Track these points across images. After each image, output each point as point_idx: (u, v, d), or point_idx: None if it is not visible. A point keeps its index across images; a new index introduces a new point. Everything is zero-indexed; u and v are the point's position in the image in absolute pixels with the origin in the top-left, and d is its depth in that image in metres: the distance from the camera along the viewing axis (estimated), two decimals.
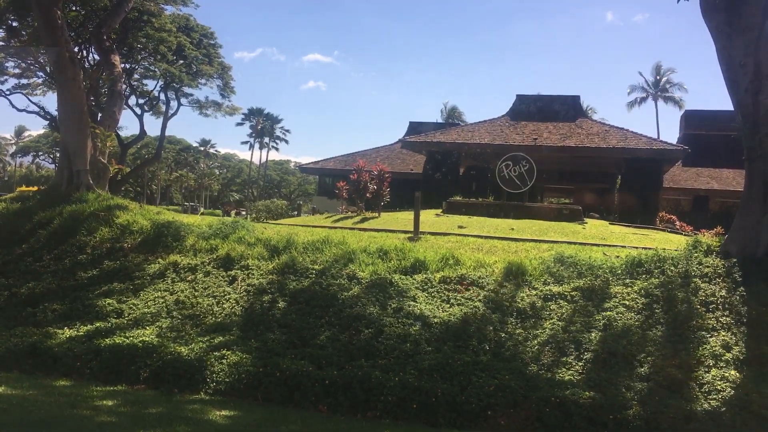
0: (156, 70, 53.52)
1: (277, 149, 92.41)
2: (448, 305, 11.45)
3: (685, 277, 11.46)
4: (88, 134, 16.83)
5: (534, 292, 11.72)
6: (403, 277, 12.34)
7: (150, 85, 66.16)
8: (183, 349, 9.61)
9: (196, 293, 12.09)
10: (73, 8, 38.01)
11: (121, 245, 14.19)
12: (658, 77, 70.39)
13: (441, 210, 26.01)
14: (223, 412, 7.83)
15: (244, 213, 61.77)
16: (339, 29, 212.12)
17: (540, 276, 12.28)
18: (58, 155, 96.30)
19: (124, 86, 23.69)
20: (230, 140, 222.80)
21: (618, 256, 13.08)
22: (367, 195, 25.87)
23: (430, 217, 24.33)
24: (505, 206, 24.59)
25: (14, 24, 48.92)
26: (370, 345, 10.14)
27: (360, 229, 20.16)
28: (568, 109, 33.32)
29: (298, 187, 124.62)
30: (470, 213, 25.24)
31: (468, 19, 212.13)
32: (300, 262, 12.84)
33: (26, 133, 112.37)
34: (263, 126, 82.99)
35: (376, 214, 24.59)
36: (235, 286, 12.30)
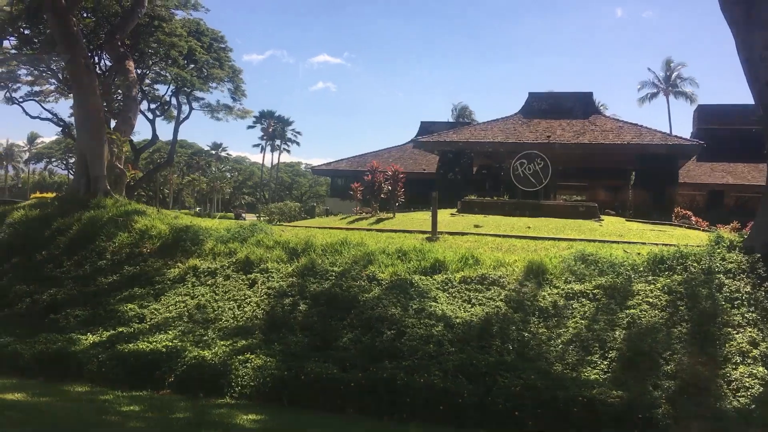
0: (167, 74, 53.69)
1: (288, 151, 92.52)
2: (470, 305, 11.40)
3: (709, 273, 11.36)
4: (105, 140, 16.89)
5: (555, 291, 11.65)
6: (423, 277, 12.30)
7: (161, 89, 66.38)
8: (206, 354, 9.60)
9: (217, 297, 12.10)
10: (85, 15, 38.25)
11: (140, 250, 14.22)
12: (668, 72, 69.95)
13: (456, 209, 25.92)
14: (250, 416, 7.82)
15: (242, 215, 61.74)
16: (348, 30, 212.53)
17: (561, 274, 12.19)
18: (71, 161, 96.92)
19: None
20: (241, 143, 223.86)
21: (639, 253, 12.99)
22: (382, 196, 25.81)
23: (445, 217, 24.24)
24: (520, 204, 24.47)
25: (26, 32, 49.27)
26: (393, 346, 10.10)
27: (376, 230, 20.10)
28: (581, 105, 33.14)
29: (309, 188, 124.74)
30: (485, 212, 25.14)
31: (476, 18, 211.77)
32: (319, 264, 12.82)
33: (39, 140, 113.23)
34: (274, 128, 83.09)
35: (391, 215, 24.54)
36: (255, 290, 12.30)
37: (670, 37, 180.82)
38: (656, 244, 14.58)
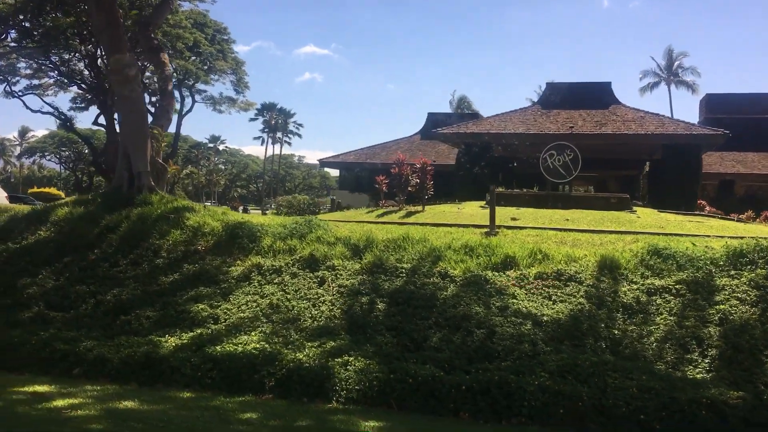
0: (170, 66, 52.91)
1: (289, 144, 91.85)
2: (551, 302, 11.16)
3: None
4: (148, 135, 16.46)
5: (635, 287, 11.44)
6: (495, 273, 12.04)
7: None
8: (301, 356, 9.31)
9: (288, 296, 11.78)
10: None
11: (195, 248, 13.86)
12: (669, 61, 69.90)
13: (484, 202, 25.70)
14: (371, 423, 7.54)
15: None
16: (335, 21, 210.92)
17: (635, 269, 11.98)
18: (64, 155, 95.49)
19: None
20: (239, 136, 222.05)
21: (708, 247, 12.80)
22: (409, 188, 25.53)
23: (475, 210, 24.02)
24: (551, 196, 24.27)
25: (27, 24, 48.57)
26: (486, 346, 9.87)
27: (410, 224, 19.82)
28: (600, 95, 32.95)
29: (302, 181, 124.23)
30: (514, 204, 24.89)
31: (464, 9, 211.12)
32: (387, 261, 12.54)
33: (30, 134, 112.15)
34: (276, 120, 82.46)
35: (420, 208, 24.24)
36: (326, 288, 11.99)
37: (659, 28, 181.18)
38: (709, 236, 14.50)
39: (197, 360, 9.35)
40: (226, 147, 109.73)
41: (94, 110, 63.83)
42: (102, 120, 51.10)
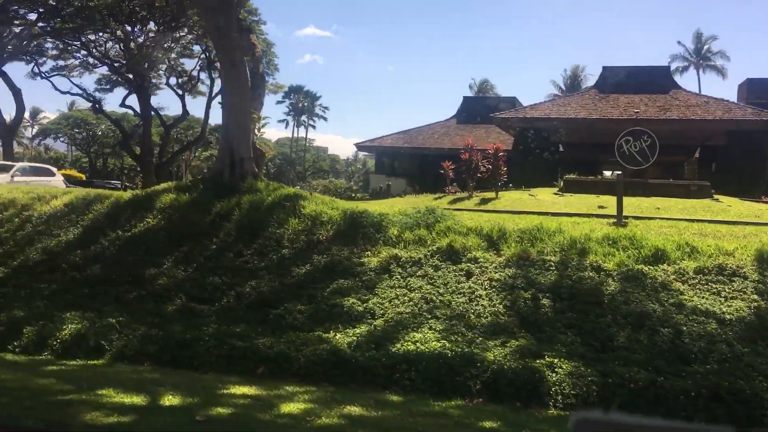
0: (199, 46, 52.63)
1: (314, 127, 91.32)
2: (723, 299, 10.63)
3: None
4: (251, 119, 15.83)
5: None
6: (651, 267, 11.50)
7: (188, 64, 65.00)
8: (498, 357, 8.78)
9: (440, 290, 11.22)
10: None
11: (316, 237, 13.31)
12: (699, 45, 69.04)
13: (557, 189, 25.21)
14: None
15: None
16: (337, 2, 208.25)
17: None
18: (77, 137, 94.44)
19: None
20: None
21: None
22: (479, 174, 25.08)
23: (550, 197, 23.56)
24: (630, 184, 23.69)
25: (54, 3, 47.89)
26: (677, 347, 9.34)
27: (489, 211, 19.36)
28: (659, 80, 32.28)
29: (312, 164, 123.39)
30: (587, 191, 24.46)
31: None
32: (536, 255, 12.00)
33: (42, 115, 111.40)
34: (303, 104, 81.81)
35: (493, 195, 23.77)
36: (475, 282, 11.45)
37: (684, 9, 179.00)
38: None
39: (388, 360, 8.79)
40: None
41: (118, 92, 62.82)
42: (130, 102, 50.33)
